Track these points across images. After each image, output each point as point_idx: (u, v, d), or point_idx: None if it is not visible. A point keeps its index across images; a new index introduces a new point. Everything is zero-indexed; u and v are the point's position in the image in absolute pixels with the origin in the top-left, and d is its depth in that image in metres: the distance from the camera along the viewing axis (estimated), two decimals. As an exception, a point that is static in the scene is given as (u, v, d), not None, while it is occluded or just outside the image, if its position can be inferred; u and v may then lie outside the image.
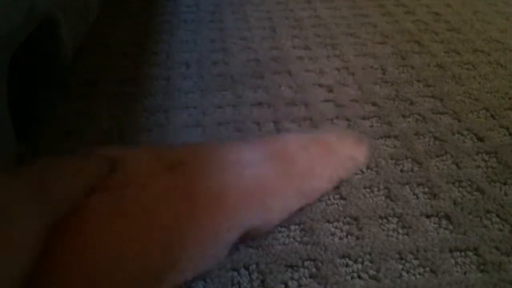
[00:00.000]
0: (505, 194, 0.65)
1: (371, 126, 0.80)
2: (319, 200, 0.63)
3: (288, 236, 0.58)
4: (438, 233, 0.59)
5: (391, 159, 0.72)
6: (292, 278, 0.52)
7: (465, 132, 0.78)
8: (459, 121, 0.81)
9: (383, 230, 0.59)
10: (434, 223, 0.60)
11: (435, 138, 0.77)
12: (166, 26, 1.21)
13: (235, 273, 0.53)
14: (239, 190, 0.32)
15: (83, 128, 0.80)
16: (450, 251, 0.56)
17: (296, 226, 0.59)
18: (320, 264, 0.54)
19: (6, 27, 0.58)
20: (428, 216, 0.61)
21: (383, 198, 0.64)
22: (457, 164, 0.71)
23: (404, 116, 0.83)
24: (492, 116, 0.82)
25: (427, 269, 0.54)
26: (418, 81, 0.94)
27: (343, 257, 0.55)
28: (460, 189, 0.66)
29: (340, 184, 0.63)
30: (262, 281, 0.52)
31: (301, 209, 0.58)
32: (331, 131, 0.48)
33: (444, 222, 0.60)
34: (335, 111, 0.84)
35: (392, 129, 0.79)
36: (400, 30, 1.17)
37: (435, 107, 0.85)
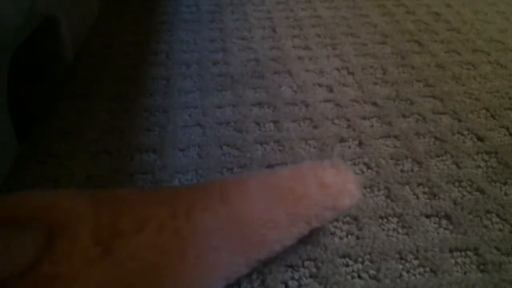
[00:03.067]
0: (505, 194, 0.65)
1: (371, 126, 0.80)
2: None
3: (288, 236, 0.58)
4: (438, 233, 0.59)
5: (391, 159, 0.72)
6: (292, 278, 0.52)
7: (465, 132, 0.78)
8: (459, 121, 0.81)
9: (383, 230, 0.59)
10: (434, 223, 0.60)
11: (435, 138, 0.77)
12: (166, 26, 1.21)
13: (235, 273, 0.53)
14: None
15: (83, 128, 0.80)
16: (450, 251, 0.56)
17: (296, 226, 0.59)
18: (320, 264, 0.54)
19: (7, 27, 0.58)
20: (428, 216, 0.61)
21: (383, 198, 0.64)
22: (457, 164, 0.71)
23: (404, 116, 0.83)
24: (492, 116, 0.82)
25: (427, 269, 0.54)
26: (418, 81, 0.94)
27: (343, 256, 0.55)
28: (460, 189, 0.66)
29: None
30: (263, 281, 0.52)
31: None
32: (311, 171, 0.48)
33: (444, 222, 0.60)
34: (335, 111, 0.84)
35: (392, 129, 0.79)
36: (400, 30, 1.17)
37: (435, 107, 0.86)
